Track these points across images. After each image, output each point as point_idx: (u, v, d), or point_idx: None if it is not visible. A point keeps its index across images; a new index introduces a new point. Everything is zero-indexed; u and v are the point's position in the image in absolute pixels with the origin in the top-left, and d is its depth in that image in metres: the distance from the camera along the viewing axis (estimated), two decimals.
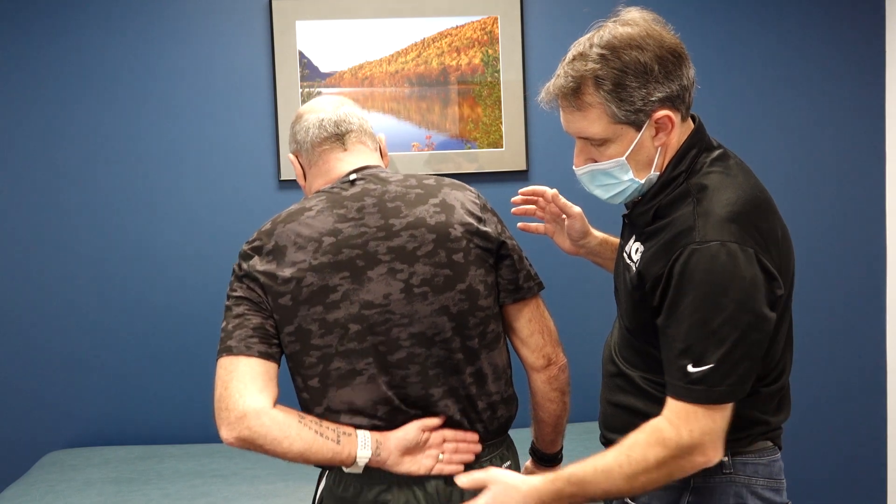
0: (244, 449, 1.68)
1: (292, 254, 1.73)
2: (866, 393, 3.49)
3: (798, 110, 3.43)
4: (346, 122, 1.86)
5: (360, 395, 1.73)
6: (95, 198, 3.29)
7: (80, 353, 3.31)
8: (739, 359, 1.48)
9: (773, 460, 1.66)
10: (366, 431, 1.73)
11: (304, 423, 1.69)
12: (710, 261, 1.47)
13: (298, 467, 2.97)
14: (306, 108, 1.90)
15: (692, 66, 1.60)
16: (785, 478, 1.69)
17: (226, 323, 1.73)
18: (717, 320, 1.47)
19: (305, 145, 1.87)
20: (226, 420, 1.66)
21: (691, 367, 1.49)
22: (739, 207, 1.52)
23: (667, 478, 1.53)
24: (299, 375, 1.76)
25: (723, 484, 1.60)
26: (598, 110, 1.55)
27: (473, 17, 3.31)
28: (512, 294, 1.81)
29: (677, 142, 1.60)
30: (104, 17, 3.25)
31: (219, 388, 1.69)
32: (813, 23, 3.41)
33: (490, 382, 1.79)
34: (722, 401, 1.50)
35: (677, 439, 1.50)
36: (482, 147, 3.31)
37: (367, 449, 1.70)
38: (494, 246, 1.78)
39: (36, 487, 2.87)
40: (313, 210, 1.77)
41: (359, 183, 1.80)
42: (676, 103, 1.57)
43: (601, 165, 1.60)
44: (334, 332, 1.72)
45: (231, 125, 3.31)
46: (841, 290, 3.47)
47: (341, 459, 1.70)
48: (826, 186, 3.45)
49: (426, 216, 1.75)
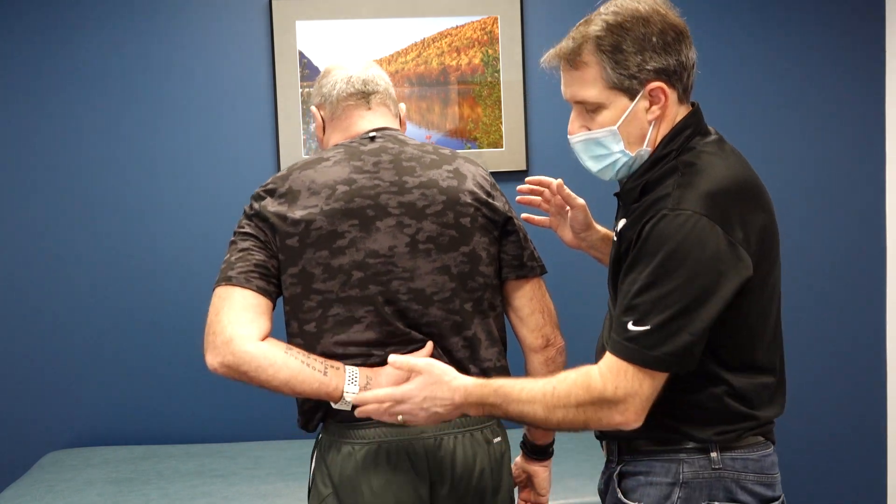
0: (229, 377, 1.67)
1: (305, 198, 1.75)
2: (866, 393, 3.49)
3: (798, 110, 3.43)
4: (373, 82, 1.89)
5: (356, 340, 1.75)
6: (95, 198, 3.28)
7: (80, 354, 3.31)
8: (678, 330, 1.49)
9: (764, 455, 1.65)
10: (354, 367, 1.73)
11: (290, 353, 1.69)
12: (677, 228, 1.49)
13: (298, 468, 2.98)
14: (336, 65, 1.93)
15: (694, 50, 1.61)
16: (779, 472, 1.68)
17: (228, 255, 1.75)
18: (667, 286, 1.49)
19: (331, 98, 1.89)
20: (211, 344, 1.67)
21: (631, 324, 1.51)
22: (722, 186, 1.53)
23: (583, 423, 1.55)
24: (296, 320, 1.76)
25: (712, 479, 1.60)
26: (595, 71, 1.58)
27: (473, 17, 3.31)
28: (515, 270, 1.84)
29: (672, 120, 1.61)
30: (104, 17, 3.25)
31: (210, 315, 1.70)
32: (813, 23, 3.41)
33: (483, 349, 1.81)
34: (653, 366, 1.51)
35: (601, 390, 1.52)
36: (482, 147, 3.31)
37: (355, 385, 1.70)
38: (501, 220, 1.83)
39: (36, 487, 2.87)
40: (330, 160, 1.80)
41: (378, 140, 1.83)
42: (672, 79, 1.59)
43: (593, 134, 1.62)
44: (337, 278, 1.74)
45: (231, 125, 3.30)
46: (841, 289, 3.47)
47: (328, 392, 1.69)
48: (826, 186, 3.45)
49: (439, 179, 1.79)
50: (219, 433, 3.33)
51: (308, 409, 1.80)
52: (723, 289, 1.50)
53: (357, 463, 1.74)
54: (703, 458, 1.61)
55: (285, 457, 3.11)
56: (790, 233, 3.41)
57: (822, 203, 3.45)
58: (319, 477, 1.80)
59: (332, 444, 1.78)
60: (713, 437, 1.60)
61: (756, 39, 3.39)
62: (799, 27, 3.41)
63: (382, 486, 1.73)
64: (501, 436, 1.86)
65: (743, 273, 1.52)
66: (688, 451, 1.61)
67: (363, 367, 1.74)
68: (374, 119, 1.88)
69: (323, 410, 1.78)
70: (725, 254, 1.50)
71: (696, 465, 1.60)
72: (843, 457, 3.50)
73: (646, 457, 1.65)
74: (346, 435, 1.76)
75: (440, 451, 1.77)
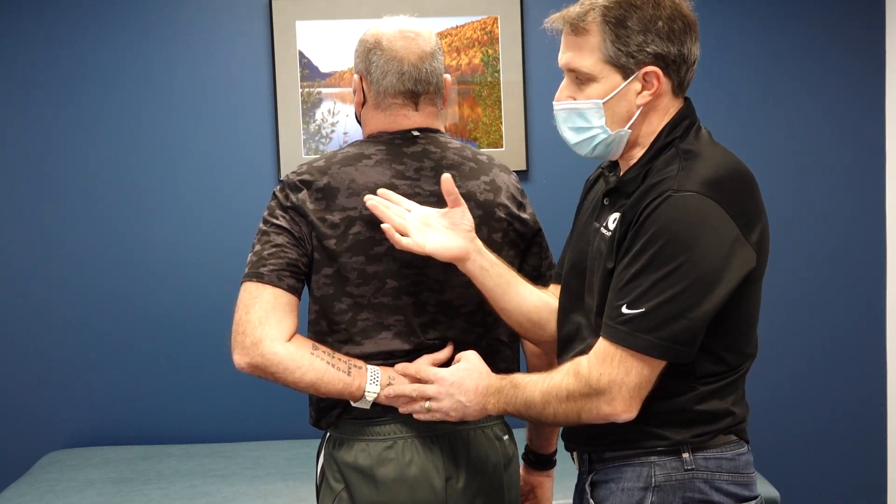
0: (256, 376, 1.69)
1: (343, 198, 1.73)
2: (866, 393, 3.49)
3: (797, 110, 3.42)
4: (426, 81, 1.79)
5: (382, 347, 1.75)
6: (96, 198, 3.28)
7: (79, 354, 3.31)
8: (675, 314, 1.45)
9: (738, 454, 1.59)
10: (376, 367, 1.74)
11: (316, 353, 1.70)
12: (681, 210, 1.46)
13: (298, 468, 2.98)
14: (391, 45, 1.78)
15: (698, 47, 1.59)
16: (755, 471, 1.63)
17: (260, 248, 1.73)
18: (666, 268, 1.45)
19: (378, 86, 1.79)
20: (240, 344, 1.68)
21: (625, 307, 1.47)
22: (726, 173, 1.51)
23: (575, 415, 1.53)
24: (325, 319, 1.76)
25: (685, 480, 1.56)
26: (595, 40, 1.56)
27: (473, 17, 3.31)
28: (533, 280, 1.84)
29: (664, 111, 1.59)
30: (104, 17, 3.25)
31: (239, 312, 1.69)
32: (812, 22, 3.40)
33: (499, 357, 1.83)
34: (644, 351, 1.46)
35: (587, 376, 1.50)
36: (482, 147, 3.31)
37: (376, 384, 1.71)
38: (530, 233, 1.86)
39: (36, 487, 2.87)
40: (372, 159, 1.77)
41: (420, 142, 1.81)
42: (670, 68, 1.56)
43: (577, 104, 1.59)
44: (371, 284, 1.74)
45: (231, 125, 3.30)
46: (841, 289, 3.47)
47: (351, 392, 1.71)
48: (826, 186, 3.44)
49: (476, 191, 1.79)
50: (219, 433, 3.33)
51: (324, 406, 1.80)
52: (726, 276, 1.46)
53: (371, 458, 1.74)
54: (675, 460, 1.56)
55: (285, 457, 3.11)
56: (791, 232, 3.41)
57: (823, 203, 3.45)
58: (331, 473, 1.79)
59: (344, 440, 1.78)
60: (690, 438, 1.55)
61: (756, 39, 3.39)
62: (799, 27, 3.40)
63: (397, 480, 1.73)
64: (509, 435, 1.87)
65: (748, 262, 1.49)
66: (658, 453, 1.56)
67: (385, 367, 1.74)
68: (419, 120, 1.83)
69: (340, 408, 1.78)
70: (730, 239, 1.47)
71: (667, 468, 1.56)
72: (843, 456, 3.49)
73: (616, 463, 1.60)
74: (361, 432, 1.76)
75: (454, 446, 1.77)
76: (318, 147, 3.28)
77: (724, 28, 3.37)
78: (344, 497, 1.76)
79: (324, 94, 3.27)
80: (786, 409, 3.47)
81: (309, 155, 3.28)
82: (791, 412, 3.47)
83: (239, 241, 1.89)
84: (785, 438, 3.47)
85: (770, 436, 3.45)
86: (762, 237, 1.54)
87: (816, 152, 3.44)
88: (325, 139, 3.29)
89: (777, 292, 3.42)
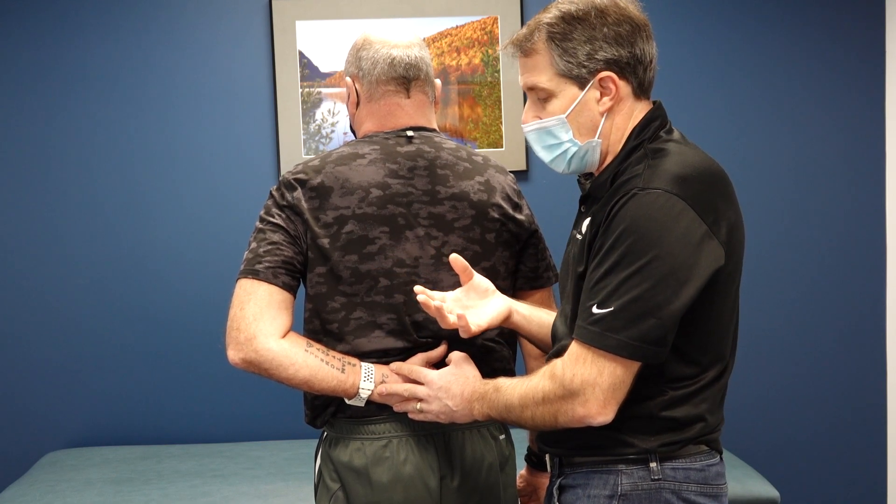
0: (250, 372, 1.71)
1: (337, 198, 1.75)
2: (867, 393, 3.49)
3: (797, 110, 3.42)
4: (416, 67, 1.83)
5: (375, 345, 1.76)
6: (96, 198, 3.28)
7: (79, 354, 3.31)
8: (643, 313, 1.43)
9: (708, 465, 1.56)
10: (370, 364, 1.74)
11: (310, 350, 1.71)
12: (648, 206, 1.46)
13: (298, 468, 2.98)
14: (377, 37, 1.84)
15: (653, 45, 1.60)
16: (726, 482, 1.60)
17: (256, 245, 1.75)
18: (634, 266, 1.44)
19: (370, 77, 1.83)
20: (234, 340, 1.69)
21: (595, 307, 1.46)
22: (694, 170, 1.50)
23: (552, 417, 1.51)
24: (318, 318, 1.78)
25: (652, 490, 1.54)
26: (544, 58, 1.58)
27: (473, 17, 3.31)
28: (530, 282, 1.86)
29: (629, 114, 1.59)
30: (103, 17, 3.25)
31: (234, 308, 1.71)
32: (812, 22, 3.40)
33: (493, 358, 1.83)
34: (614, 350, 1.45)
35: (561, 377, 1.49)
36: (482, 147, 3.32)
37: (370, 381, 1.73)
38: (525, 234, 1.86)
39: (36, 487, 2.87)
40: (366, 158, 1.78)
41: (415, 142, 1.82)
42: (625, 71, 1.57)
43: (544, 123, 1.61)
44: (364, 283, 1.75)
45: (231, 125, 3.30)
46: (841, 289, 3.47)
47: (344, 389, 1.72)
48: (826, 186, 3.45)
49: (470, 191, 1.80)
50: (219, 433, 3.33)
51: (318, 404, 1.80)
52: (695, 273, 1.45)
53: (366, 457, 1.75)
54: (643, 469, 1.54)
55: (285, 457, 3.11)
56: (791, 232, 3.41)
57: (823, 202, 3.45)
58: (327, 472, 1.80)
59: (339, 440, 1.78)
60: (657, 447, 1.53)
61: (756, 39, 3.39)
62: (799, 27, 3.40)
63: (392, 479, 1.74)
64: (505, 434, 1.88)
65: (718, 258, 1.48)
66: (626, 461, 1.54)
67: (379, 364, 1.75)
68: (412, 111, 1.84)
69: (335, 406, 1.79)
70: (698, 236, 1.46)
71: (634, 477, 1.54)
72: (844, 456, 3.50)
73: (584, 469, 1.59)
74: (356, 431, 1.77)
75: (449, 445, 1.78)
76: (318, 147, 3.29)
77: (725, 28, 3.37)
78: (340, 497, 1.77)
79: (324, 94, 3.27)
80: (786, 409, 3.47)
81: (309, 155, 3.28)
82: (791, 412, 3.48)
83: (239, 242, 1.89)
84: (785, 438, 3.48)
85: (770, 436, 3.45)
86: (732, 235, 1.52)
87: (816, 152, 3.44)
88: (325, 139, 3.29)
89: (777, 292, 3.43)
